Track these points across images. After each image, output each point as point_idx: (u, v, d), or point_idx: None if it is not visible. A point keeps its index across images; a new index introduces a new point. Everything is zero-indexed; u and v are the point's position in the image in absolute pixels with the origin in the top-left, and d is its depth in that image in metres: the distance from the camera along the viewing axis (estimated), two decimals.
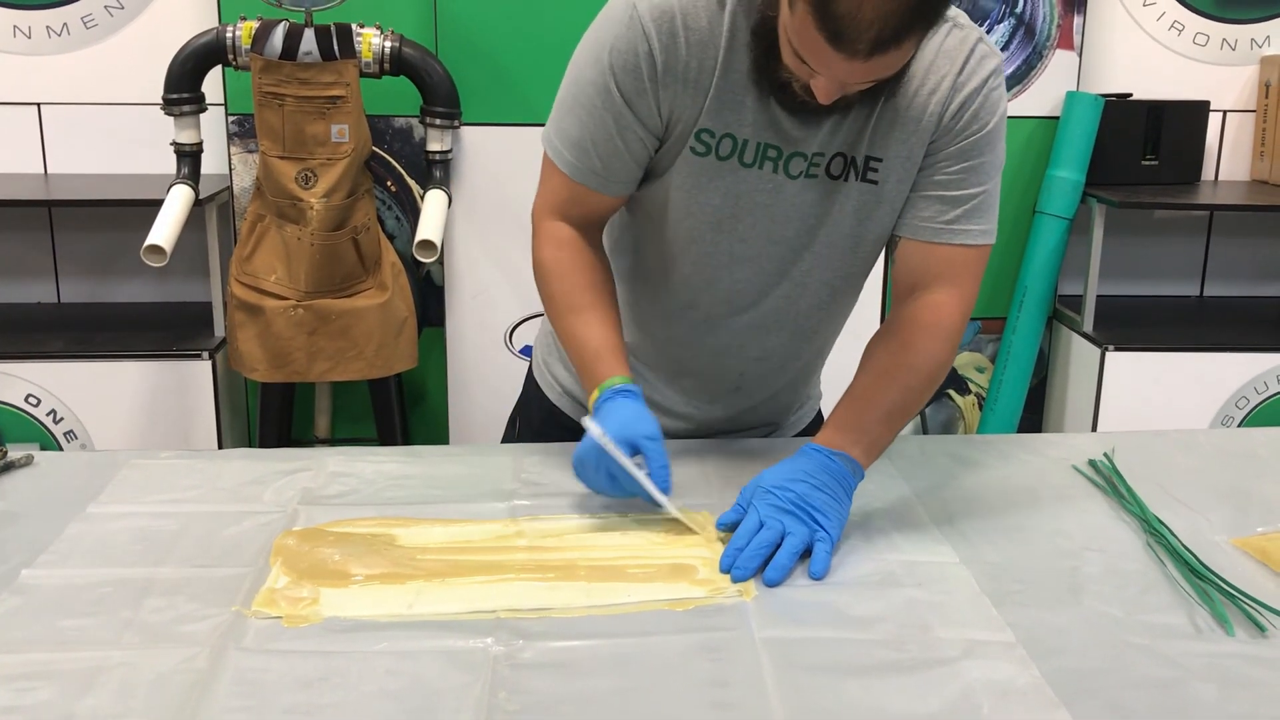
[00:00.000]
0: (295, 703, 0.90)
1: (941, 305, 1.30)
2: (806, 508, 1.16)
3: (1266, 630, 1.03)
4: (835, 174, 1.27)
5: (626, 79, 1.22)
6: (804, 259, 1.32)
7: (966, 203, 1.27)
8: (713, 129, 1.24)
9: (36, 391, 2.71)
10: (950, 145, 1.26)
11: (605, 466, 1.19)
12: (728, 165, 1.26)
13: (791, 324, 1.39)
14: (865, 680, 0.94)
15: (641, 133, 1.25)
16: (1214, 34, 3.15)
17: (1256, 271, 3.33)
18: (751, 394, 1.46)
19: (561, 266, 1.33)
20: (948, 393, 3.27)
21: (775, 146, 1.24)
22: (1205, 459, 1.43)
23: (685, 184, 1.28)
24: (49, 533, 1.17)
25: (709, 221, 1.29)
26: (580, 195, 1.31)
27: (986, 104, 1.25)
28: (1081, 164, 3.00)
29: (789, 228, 1.29)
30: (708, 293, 1.35)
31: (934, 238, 1.29)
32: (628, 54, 1.21)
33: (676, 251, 1.33)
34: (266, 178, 2.57)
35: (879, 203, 1.28)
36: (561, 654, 0.97)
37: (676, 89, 1.23)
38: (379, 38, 2.55)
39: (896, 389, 1.28)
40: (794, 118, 1.22)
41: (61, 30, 2.92)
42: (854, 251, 1.33)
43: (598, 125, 1.26)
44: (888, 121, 1.24)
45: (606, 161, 1.28)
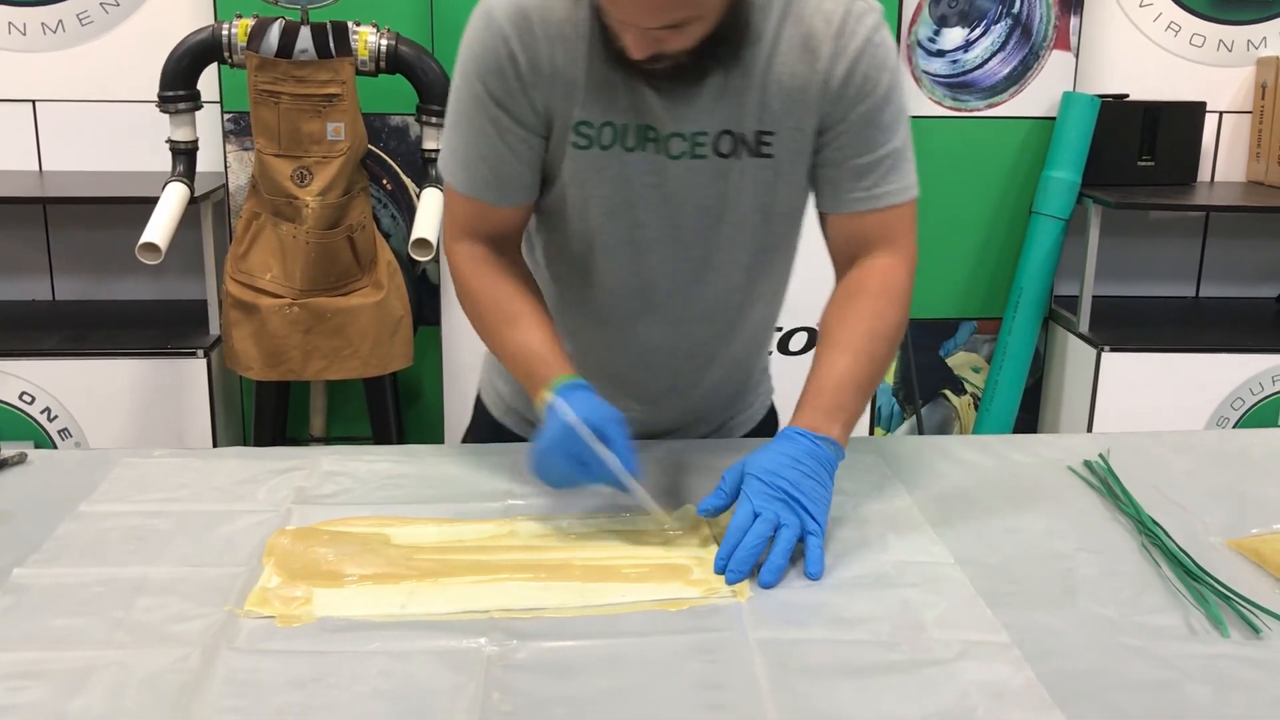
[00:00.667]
0: (288, 703, 0.90)
1: (886, 268, 1.30)
2: (800, 497, 1.15)
3: (1261, 632, 1.03)
4: (725, 152, 1.25)
5: (494, 82, 1.23)
6: (711, 241, 1.31)
7: (880, 165, 1.27)
8: (590, 120, 1.24)
9: (30, 389, 2.71)
10: (849, 113, 1.25)
11: (573, 452, 1.16)
12: (612, 153, 1.25)
13: (713, 312, 1.37)
14: (859, 681, 0.94)
15: (523, 133, 1.25)
16: (1210, 35, 3.15)
17: (1252, 272, 3.34)
18: (689, 391, 1.44)
19: (482, 284, 1.32)
20: (943, 393, 3.27)
21: (652, 128, 1.24)
22: (1200, 460, 1.43)
23: (576, 179, 1.28)
24: (41, 531, 1.17)
25: (604, 212, 1.29)
26: (481, 211, 1.30)
27: (874, 63, 1.24)
28: (1078, 165, 3.00)
29: (686, 211, 1.29)
30: (621, 288, 1.34)
31: (857, 207, 1.29)
32: (490, 58, 1.22)
33: (582, 249, 1.33)
34: (262, 176, 2.56)
35: (778, 176, 1.28)
36: (555, 654, 0.97)
37: (545, 86, 1.23)
38: (375, 36, 2.55)
39: (861, 359, 1.27)
40: (664, 98, 1.22)
41: (56, 27, 2.91)
42: (763, 229, 1.32)
43: (480, 136, 1.26)
44: (772, 94, 1.23)
45: (496, 171, 1.27)
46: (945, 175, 3.10)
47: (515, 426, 1.51)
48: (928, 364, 3.23)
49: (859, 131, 1.26)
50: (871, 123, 1.25)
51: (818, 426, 1.22)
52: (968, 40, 3.03)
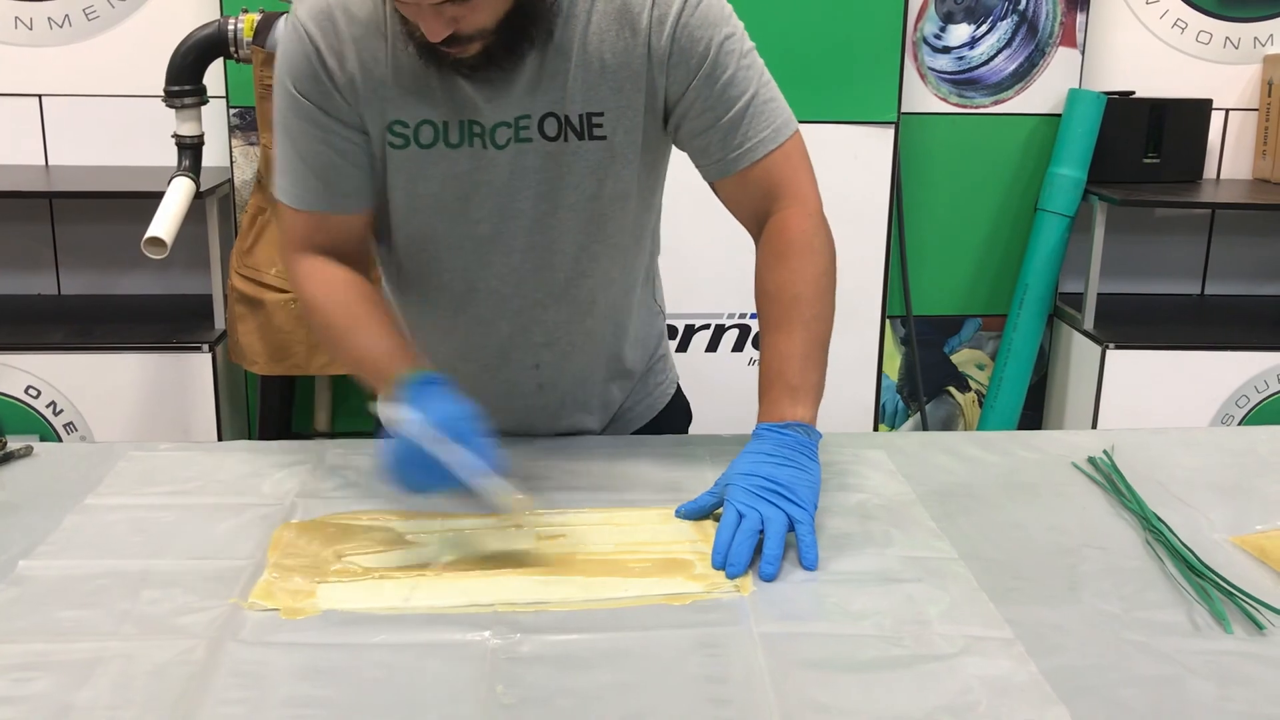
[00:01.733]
0: (292, 694, 0.90)
1: (789, 221, 1.29)
2: (777, 488, 1.15)
3: (1265, 628, 1.03)
4: (551, 135, 1.24)
5: (307, 84, 1.22)
6: (549, 227, 1.29)
7: (742, 119, 1.25)
8: (404, 119, 1.23)
9: (36, 383, 2.71)
10: (689, 81, 1.23)
11: (421, 463, 1.09)
12: (434, 152, 1.24)
13: (568, 298, 1.35)
14: (863, 676, 0.94)
15: (347, 133, 1.24)
16: (1217, 32, 3.14)
17: (1258, 270, 3.33)
18: (558, 385, 1.42)
19: (321, 295, 1.28)
20: (948, 390, 3.27)
21: (477, 122, 1.22)
22: (1205, 457, 1.43)
23: (399, 181, 1.26)
24: (47, 524, 1.17)
25: (435, 212, 1.27)
26: (316, 223, 1.28)
27: (696, 23, 1.22)
28: (1083, 162, 3.00)
29: (522, 199, 1.27)
30: (467, 287, 1.32)
31: (735, 166, 1.27)
32: (300, 60, 1.22)
33: (418, 252, 1.31)
34: (267, 170, 2.56)
35: (613, 158, 1.26)
36: (558, 648, 0.97)
37: (354, 86, 1.22)
38: None
39: (799, 327, 1.25)
40: (482, 88, 1.20)
41: (63, 22, 2.92)
42: (604, 212, 1.29)
43: (304, 142, 1.24)
44: (595, 74, 1.22)
45: (325, 177, 1.25)
46: (951, 172, 3.10)
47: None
48: (932, 361, 3.23)
49: (707, 95, 1.24)
50: (715, 82, 1.23)
51: (780, 415, 1.22)
52: (973, 37, 3.03)
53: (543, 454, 1.38)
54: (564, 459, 1.36)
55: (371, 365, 1.23)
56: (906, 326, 3.17)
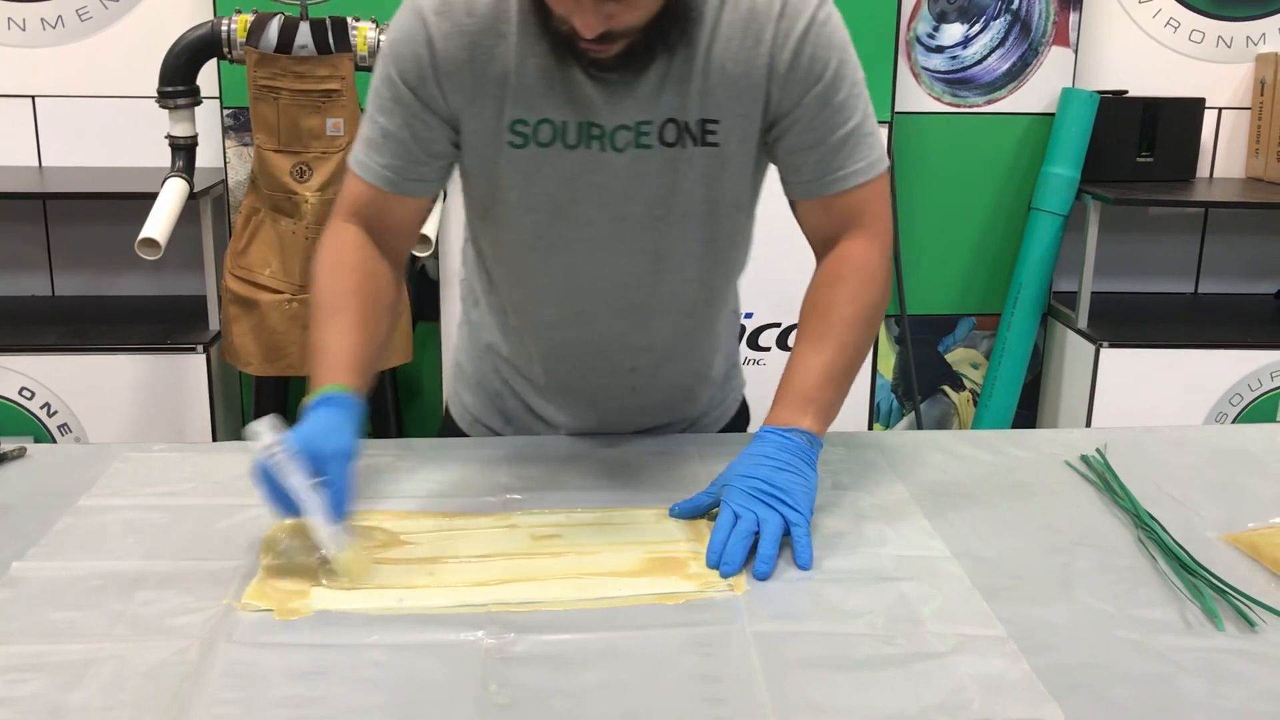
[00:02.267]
0: (286, 695, 0.90)
1: (858, 251, 1.29)
2: (773, 491, 1.15)
3: (1256, 625, 1.03)
4: (670, 141, 1.23)
5: (407, 66, 1.22)
6: (661, 233, 1.29)
7: (842, 145, 1.25)
8: (525, 118, 1.22)
9: (30, 385, 2.71)
10: (801, 98, 1.23)
11: (274, 485, 1.08)
12: (552, 151, 1.23)
13: (667, 304, 1.35)
14: (856, 674, 0.94)
15: (432, 121, 1.24)
16: (1210, 31, 3.15)
17: (1251, 269, 3.34)
18: (649, 389, 1.42)
19: (331, 269, 1.27)
20: (942, 389, 3.27)
21: (597, 124, 1.22)
22: (1197, 455, 1.43)
23: (514, 180, 1.26)
24: (40, 525, 1.17)
25: (548, 211, 1.27)
26: (372, 197, 1.28)
27: (820, 42, 1.21)
28: (1077, 161, 3.01)
29: (634, 203, 1.26)
30: (573, 288, 1.32)
31: (824, 191, 1.27)
32: (407, 42, 1.22)
33: (527, 251, 1.31)
34: (261, 171, 2.56)
35: (724, 165, 1.26)
36: (552, 647, 0.97)
37: (462, 79, 1.21)
38: (374, 31, 2.55)
39: (835, 348, 1.26)
40: (605, 90, 1.20)
41: (56, 23, 2.91)
42: (710, 219, 1.29)
43: (387, 119, 1.25)
44: (715, 81, 1.21)
45: (398, 156, 1.25)
46: (944, 171, 3.10)
47: (480, 437, 1.50)
48: (927, 360, 3.24)
49: (815, 115, 1.23)
50: (827, 104, 1.23)
51: (787, 420, 1.23)
52: (967, 36, 3.03)
53: (537, 453, 1.38)
54: (558, 459, 1.36)
55: (314, 362, 1.22)
56: (901, 325, 3.18)
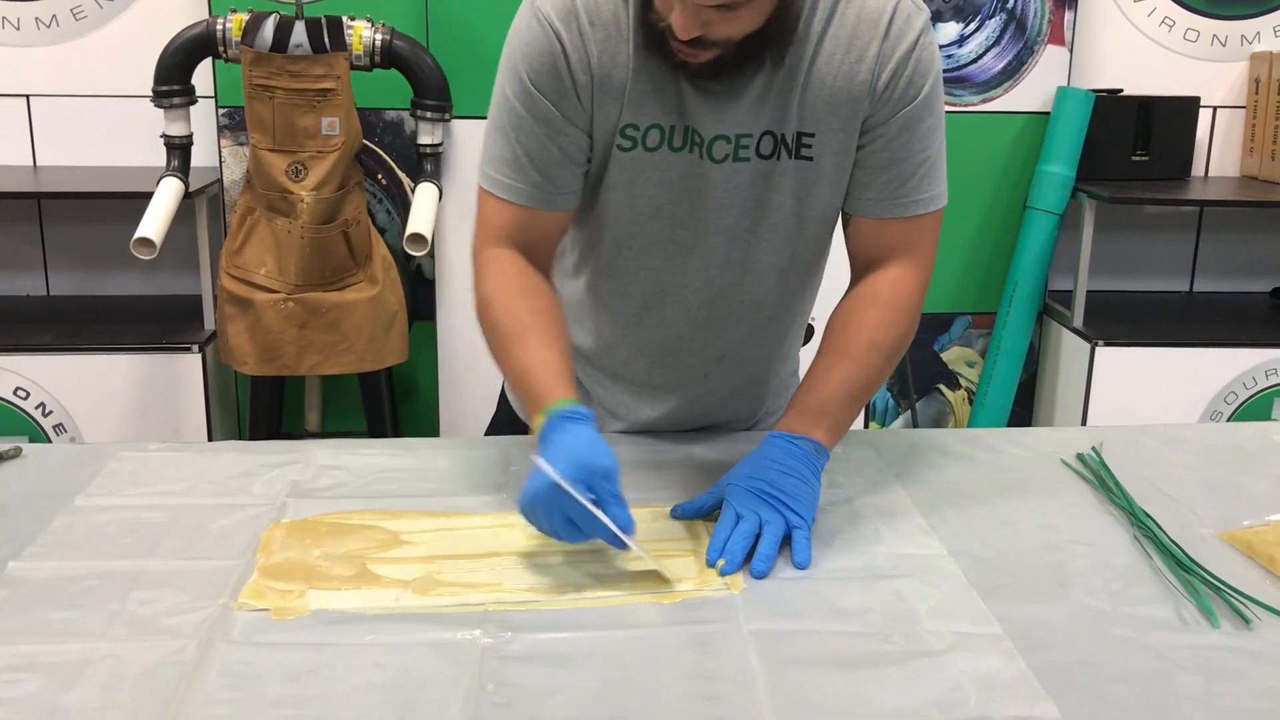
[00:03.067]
0: (283, 695, 0.90)
1: (899, 279, 1.29)
2: (778, 495, 1.16)
3: (1251, 622, 1.04)
4: (766, 154, 1.24)
5: (545, 80, 1.21)
6: (749, 244, 1.30)
7: (914, 173, 1.25)
8: (636, 122, 1.22)
9: (25, 384, 2.70)
10: (890, 116, 1.23)
11: (563, 509, 1.06)
12: (658, 155, 1.24)
13: (747, 314, 1.36)
14: (852, 672, 0.94)
15: (574, 134, 1.23)
16: (1204, 30, 3.15)
17: (1246, 267, 3.34)
18: (717, 390, 1.43)
19: (503, 297, 1.25)
20: (938, 387, 3.27)
21: (697, 131, 1.22)
22: (1192, 453, 1.44)
23: (619, 181, 1.26)
24: (36, 525, 1.17)
25: (647, 212, 1.27)
26: (523, 219, 1.27)
27: (919, 67, 1.22)
28: (1072, 159, 3.01)
29: (728, 213, 1.27)
30: (658, 289, 1.33)
31: (885, 213, 1.27)
32: (541, 55, 1.20)
33: (620, 249, 1.31)
34: (257, 170, 2.56)
35: (817, 179, 1.26)
36: (549, 646, 0.97)
37: (593, 86, 1.21)
38: (370, 30, 2.55)
39: (856, 367, 1.26)
40: (707, 98, 1.20)
41: (51, 22, 2.91)
42: (799, 231, 1.30)
43: (529, 137, 1.23)
44: (814, 95, 1.22)
45: (546, 173, 1.24)
46: None
47: None
48: (922, 359, 3.24)
49: (898, 136, 1.24)
50: (911, 128, 1.24)
51: (798, 429, 1.23)
52: (962, 35, 3.03)
53: None
54: None
55: (524, 383, 1.21)
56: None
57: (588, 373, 1.46)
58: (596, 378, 1.46)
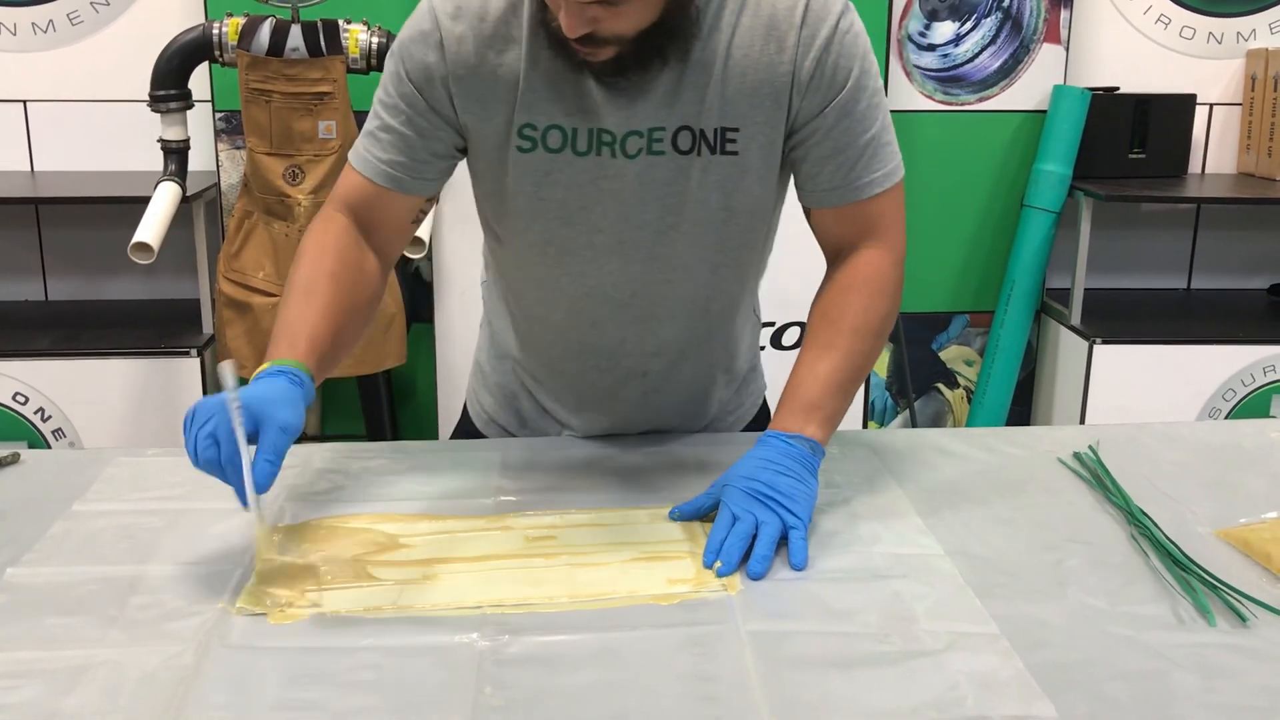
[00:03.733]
0: (281, 699, 0.90)
1: (872, 259, 1.29)
2: (774, 495, 1.16)
3: (1248, 620, 1.04)
4: (684, 149, 1.23)
5: (416, 67, 1.22)
6: (673, 240, 1.28)
7: (860, 155, 1.25)
8: (533, 122, 1.22)
9: (24, 390, 2.71)
10: (823, 107, 1.22)
11: (215, 428, 1.05)
12: (561, 157, 1.23)
13: (679, 309, 1.34)
14: (850, 673, 0.94)
15: (435, 122, 1.23)
16: (1200, 27, 3.16)
17: (1243, 264, 3.35)
18: (665, 392, 1.42)
19: (312, 251, 1.26)
20: (936, 386, 3.27)
21: (608, 131, 1.21)
22: (1189, 451, 1.44)
23: (523, 184, 1.25)
24: (34, 531, 1.17)
25: (559, 217, 1.26)
26: (368, 193, 1.27)
27: (843, 52, 1.21)
28: (1069, 158, 3.01)
29: (647, 210, 1.26)
30: (582, 291, 1.32)
31: (840, 200, 1.27)
32: (418, 42, 1.22)
33: (537, 256, 1.30)
34: (254, 174, 2.56)
35: (743, 173, 1.25)
36: (547, 648, 0.97)
37: (477, 83, 1.21)
38: (366, 33, 2.55)
39: (842, 356, 1.26)
40: (614, 96, 1.19)
41: (47, 27, 2.91)
42: (726, 225, 1.28)
43: (392, 115, 1.25)
44: (734, 89, 1.21)
45: (402, 155, 1.25)
46: (937, 169, 3.11)
47: (495, 437, 1.51)
48: (920, 358, 3.24)
49: (835, 125, 1.23)
50: (847, 114, 1.23)
51: (791, 426, 1.23)
52: (958, 34, 3.04)
53: (531, 455, 1.38)
54: (553, 461, 1.37)
55: (277, 333, 1.20)
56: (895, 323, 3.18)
57: (531, 383, 1.45)
58: (539, 388, 1.45)
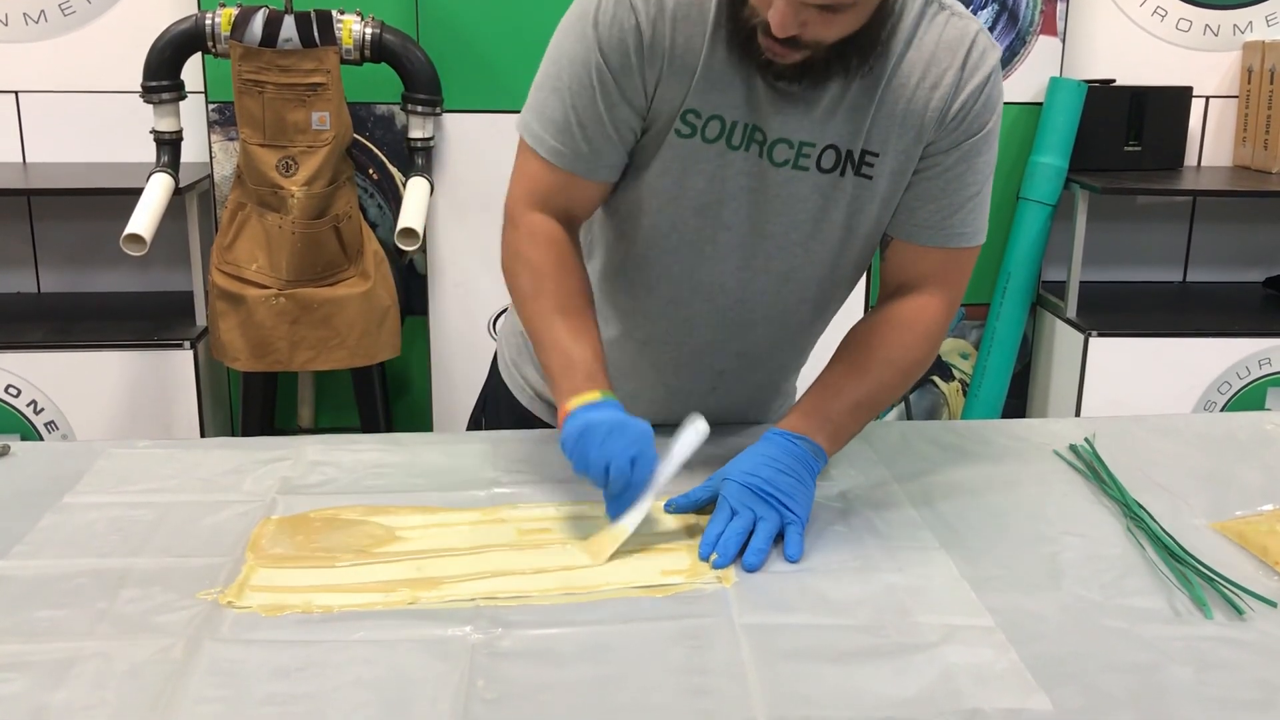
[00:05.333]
0: (272, 692, 0.89)
1: (927, 305, 1.29)
2: (774, 492, 1.15)
3: (1244, 613, 1.03)
4: (826, 168, 1.22)
5: (614, 54, 1.18)
6: (794, 253, 1.28)
7: (962, 205, 1.25)
8: (699, 109, 1.20)
9: (16, 382, 2.70)
10: (951, 146, 1.22)
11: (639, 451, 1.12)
12: (714, 148, 1.22)
13: (777, 319, 1.35)
14: (845, 665, 0.94)
15: (628, 112, 1.21)
16: (1196, 20, 3.15)
17: (1239, 257, 3.34)
18: (730, 392, 1.42)
19: (549, 265, 1.25)
20: (932, 379, 3.27)
21: (760, 130, 1.21)
22: (1185, 443, 1.44)
23: (670, 168, 1.24)
24: (24, 524, 1.16)
25: (693, 206, 1.25)
26: (563, 184, 1.25)
27: (989, 102, 1.22)
28: (1064, 150, 3.00)
29: (778, 220, 1.25)
30: (689, 286, 1.31)
31: (928, 240, 1.27)
32: (614, 27, 1.18)
33: (659, 240, 1.29)
34: (247, 166, 2.55)
35: (872, 199, 1.25)
36: (540, 641, 0.97)
37: (662, 66, 1.19)
38: (359, 24, 2.54)
39: (869, 381, 1.26)
40: (780, 101, 1.18)
41: (39, 17, 2.89)
42: (844, 246, 1.29)
43: (584, 104, 1.21)
44: (886, 115, 1.20)
45: (593, 144, 1.23)
46: None
47: (544, 415, 1.48)
48: None
49: (954, 166, 1.23)
50: (968, 160, 1.23)
51: (798, 428, 1.22)
52: None
53: (525, 447, 1.37)
54: (546, 452, 1.36)
55: (563, 359, 1.22)
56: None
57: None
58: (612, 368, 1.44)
